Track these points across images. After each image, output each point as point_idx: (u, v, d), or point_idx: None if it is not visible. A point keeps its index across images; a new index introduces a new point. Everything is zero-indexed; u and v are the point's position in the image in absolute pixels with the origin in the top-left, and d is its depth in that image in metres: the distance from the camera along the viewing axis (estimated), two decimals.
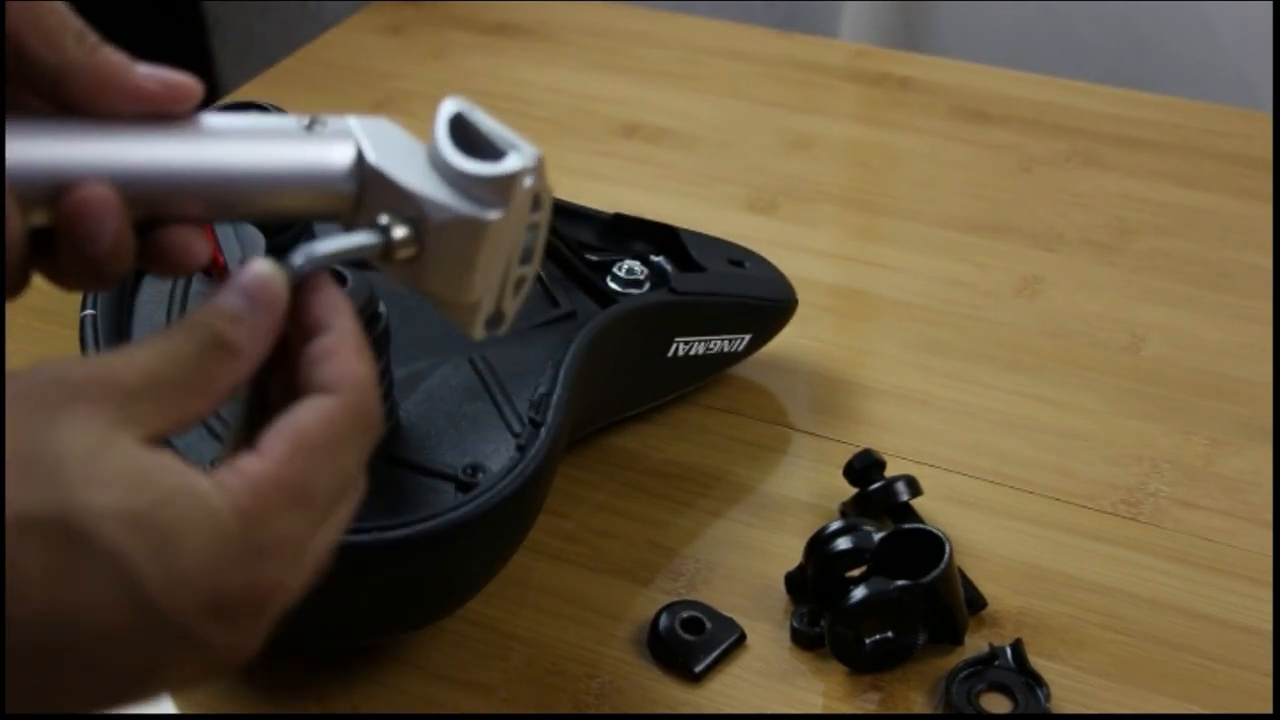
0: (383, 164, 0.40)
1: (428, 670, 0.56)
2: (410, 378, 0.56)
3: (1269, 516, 0.63)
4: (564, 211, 0.70)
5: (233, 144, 0.39)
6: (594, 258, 0.66)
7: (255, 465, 0.34)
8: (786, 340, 0.72)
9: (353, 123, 0.40)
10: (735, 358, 0.70)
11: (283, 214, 0.40)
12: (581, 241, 0.68)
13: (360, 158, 0.40)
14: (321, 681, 0.55)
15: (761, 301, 0.69)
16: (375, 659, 0.56)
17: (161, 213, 0.38)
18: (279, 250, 0.59)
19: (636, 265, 0.66)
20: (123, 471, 0.32)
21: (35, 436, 0.31)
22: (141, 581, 0.31)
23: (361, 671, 0.55)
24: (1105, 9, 1.46)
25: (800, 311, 0.71)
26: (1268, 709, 0.55)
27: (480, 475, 0.52)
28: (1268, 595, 0.59)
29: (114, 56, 0.38)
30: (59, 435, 0.32)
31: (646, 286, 0.65)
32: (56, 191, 0.36)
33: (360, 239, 0.39)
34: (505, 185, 0.39)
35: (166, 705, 0.55)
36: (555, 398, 0.56)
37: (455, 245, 0.40)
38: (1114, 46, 1.46)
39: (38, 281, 0.38)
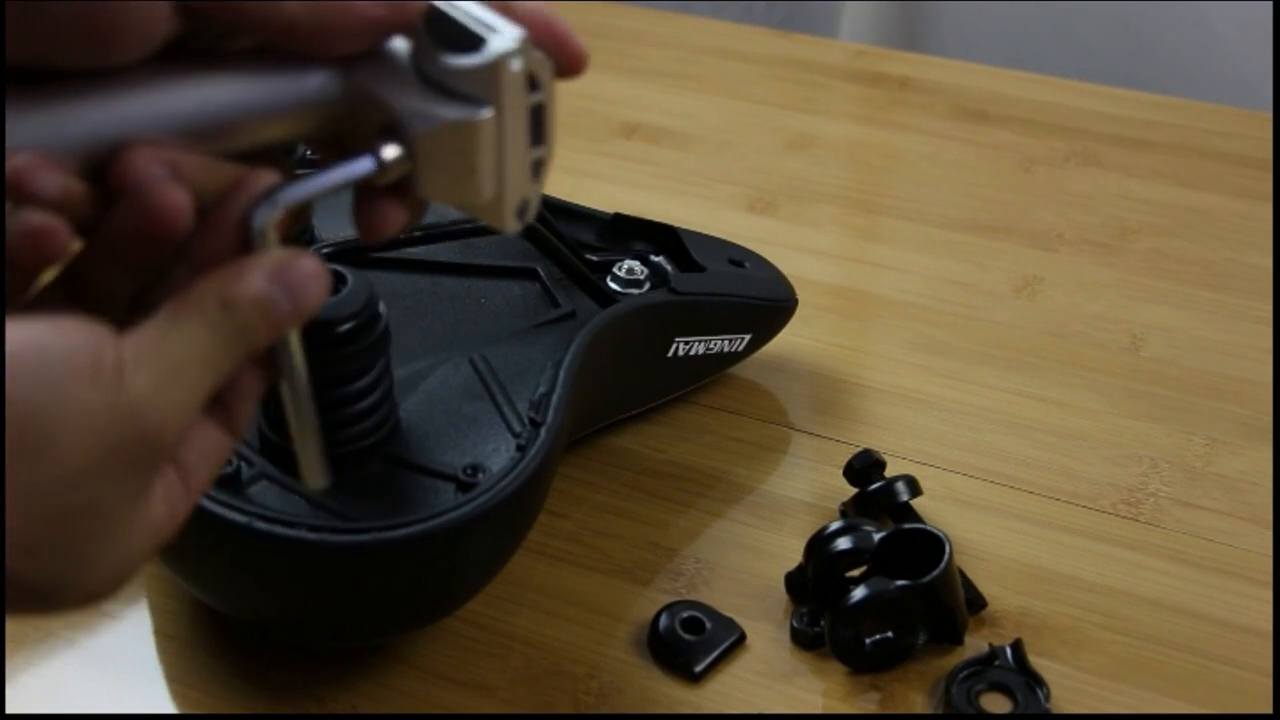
0: (366, 81, 0.38)
1: (428, 670, 0.56)
2: (410, 378, 0.56)
3: (1269, 516, 0.63)
4: (564, 211, 0.70)
5: (209, 79, 0.37)
6: (594, 258, 0.66)
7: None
8: (786, 340, 0.72)
9: None
10: (735, 358, 0.70)
11: (271, 143, 0.38)
12: (581, 241, 0.68)
13: (339, 73, 0.38)
14: (321, 681, 0.55)
15: (761, 301, 0.69)
16: (375, 659, 0.56)
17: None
18: None
19: (636, 265, 0.66)
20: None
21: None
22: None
23: (361, 671, 0.55)
24: (1105, 9, 1.46)
25: (800, 311, 0.71)
26: (1268, 709, 0.55)
27: (480, 475, 0.52)
28: (1268, 595, 0.59)
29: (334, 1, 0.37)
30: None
31: (646, 286, 0.65)
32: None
33: (351, 170, 0.37)
34: (490, 76, 0.37)
35: (166, 705, 0.55)
36: (555, 398, 0.56)
37: (450, 151, 0.37)
38: (1114, 46, 1.46)
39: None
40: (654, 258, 0.68)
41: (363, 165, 0.37)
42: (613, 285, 0.65)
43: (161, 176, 0.35)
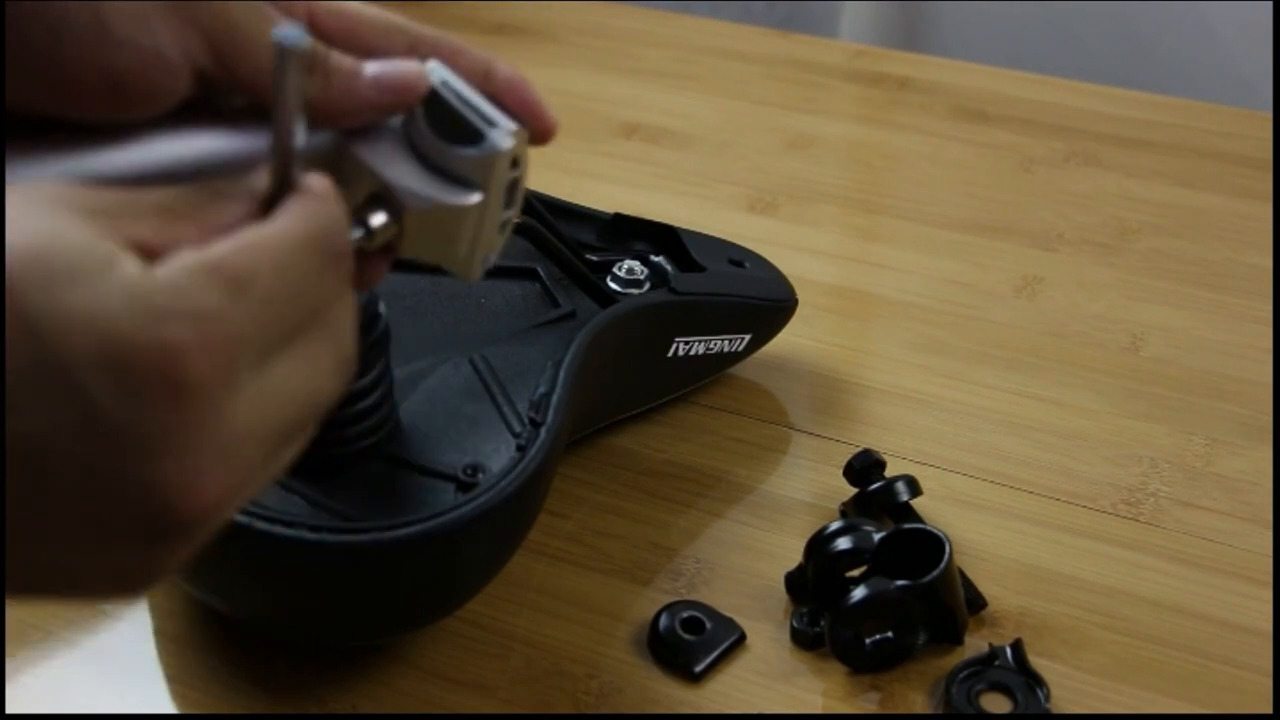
0: (358, 147, 0.40)
1: (428, 670, 0.56)
2: (410, 378, 0.56)
3: (1269, 516, 0.63)
4: (564, 211, 0.70)
5: (215, 133, 0.39)
6: (594, 258, 0.66)
7: (189, 252, 0.32)
8: (786, 340, 0.72)
9: None
10: (735, 358, 0.70)
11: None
12: (581, 241, 0.68)
13: (338, 140, 0.40)
14: (321, 681, 0.55)
15: (761, 301, 0.69)
16: (375, 659, 0.56)
17: None
18: None
19: (636, 265, 0.66)
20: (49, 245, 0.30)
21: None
22: (28, 311, 0.29)
23: (361, 671, 0.55)
24: (1105, 9, 1.46)
25: (800, 311, 0.71)
26: (1268, 709, 0.55)
27: (480, 475, 0.52)
28: (1268, 595, 0.59)
29: (340, 81, 0.39)
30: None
31: (646, 286, 0.65)
32: None
33: None
34: (484, 167, 0.40)
35: (166, 705, 0.55)
36: (555, 398, 0.56)
37: (436, 224, 0.40)
38: (1114, 46, 1.46)
39: None
40: (654, 258, 0.68)
41: (354, 235, 0.39)
42: (613, 285, 0.65)
43: None
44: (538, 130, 0.43)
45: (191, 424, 0.31)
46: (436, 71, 0.40)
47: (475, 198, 0.40)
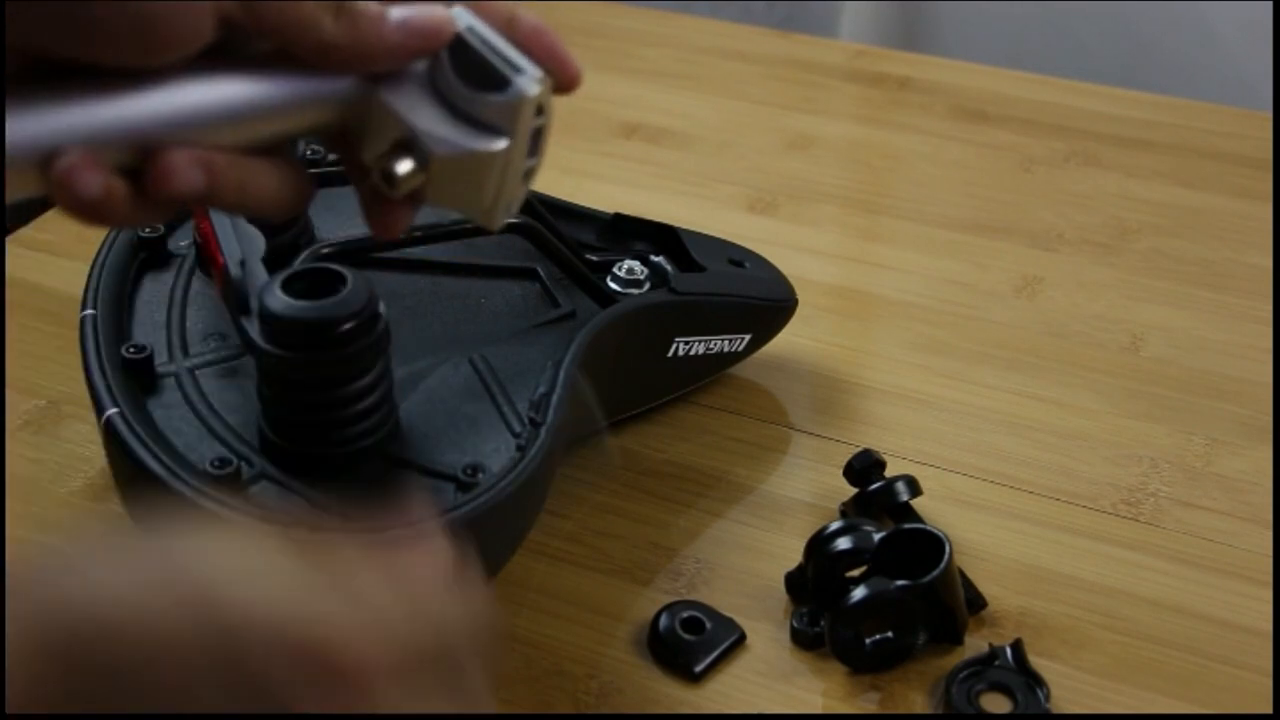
0: (384, 94, 0.40)
1: None
2: (410, 378, 0.56)
3: (1269, 516, 0.63)
4: (564, 211, 0.70)
5: (242, 79, 0.39)
6: (594, 258, 0.66)
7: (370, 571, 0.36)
8: (786, 340, 0.72)
9: None
10: (735, 358, 0.70)
11: (289, 135, 0.41)
12: (581, 241, 0.68)
13: (364, 86, 0.40)
14: None
15: (761, 301, 0.69)
16: None
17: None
18: (278, 250, 0.59)
19: (636, 265, 0.66)
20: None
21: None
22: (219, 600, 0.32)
23: None
24: (1105, 9, 1.46)
25: (800, 311, 0.71)
26: (1268, 709, 0.55)
27: (480, 475, 0.52)
28: (1268, 595, 0.59)
29: (367, 25, 0.39)
30: None
31: (646, 286, 0.65)
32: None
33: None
34: (512, 112, 0.40)
35: None
36: (555, 398, 0.56)
37: (463, 171, 0.40)
38: (1114, 46, 1.47)
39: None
40: (654, 258, 0.68)
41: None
42: (613, 285, 0.65)
43: (198, 181, 0.38)
44: (562, 78, 0.43)
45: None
46: (462, 17, 0.40)
47: (502, 143, 0.40)
